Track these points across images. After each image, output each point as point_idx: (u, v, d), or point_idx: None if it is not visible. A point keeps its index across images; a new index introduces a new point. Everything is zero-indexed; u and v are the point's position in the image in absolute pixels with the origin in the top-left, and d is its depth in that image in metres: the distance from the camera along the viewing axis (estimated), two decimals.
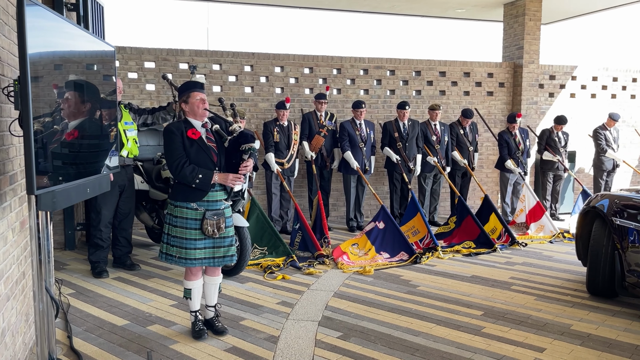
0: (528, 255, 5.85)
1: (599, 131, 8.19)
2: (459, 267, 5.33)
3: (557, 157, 7.90)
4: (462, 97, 8.54)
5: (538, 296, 4.38)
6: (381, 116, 8.00)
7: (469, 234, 6.37)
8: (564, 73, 9.02)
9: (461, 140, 7.57)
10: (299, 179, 7.36)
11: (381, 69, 8.09)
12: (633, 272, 3.87)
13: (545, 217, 7.03)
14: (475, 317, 3.87)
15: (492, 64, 8.70)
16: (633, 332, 3.59)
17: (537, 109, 8.78)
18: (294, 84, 7.69)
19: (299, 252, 5.68)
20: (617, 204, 4.08)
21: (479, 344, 3.38)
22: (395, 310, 4.04)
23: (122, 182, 4.96)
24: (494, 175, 8.54)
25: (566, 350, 3.28)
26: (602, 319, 3.84)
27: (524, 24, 8.45)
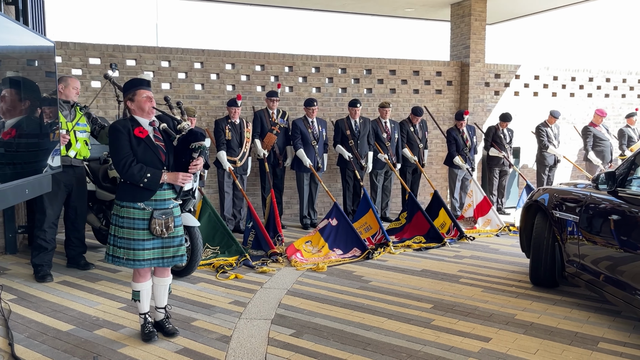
0: (476, 249, 6.04)
1: (541, 128, 8.53)
2: (410, 262, 5.44)
3: (502, 153, 8.18)
4: (411, 95, 8.71)
5: (485, 288, 4.53)
6: (333, 114, 8.05)
7: (419, 229, 6.51)
8: (508, 72, 9.34)
9: (411, 138, 7.71)
10: (251, 177, 7.31)
11: (333, 67, 8.14)
12: (572, 262, 4.06)
13: (492, 212, 7.27)
14: (425, 310, 3.97)
15: (440, 63, 8.90)
16: (573, 319, 3.77)
17: (484, 107, 9.06)
18: (245, 82, 7.63)
19: (252, 250, 5.65)
20: (557, 198, 4.27)
21: (429, 336, 3.47)
22: (347, 305, 4.08)
23: (70, 182, 4.87)
24: (443, 171, 8.75)
25: (510, 339, 3.41)
26: (544, 308, 4.01)
27: (470, 24, 8.70)
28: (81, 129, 4.88)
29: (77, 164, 4.91)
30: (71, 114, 4.83)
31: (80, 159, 4.92)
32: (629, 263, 3.35)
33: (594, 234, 3.73)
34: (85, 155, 4.95)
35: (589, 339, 3.42)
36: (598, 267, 3.68)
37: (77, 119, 4.80)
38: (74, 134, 4.79)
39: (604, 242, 3.62)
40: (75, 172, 4.90)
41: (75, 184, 4.93)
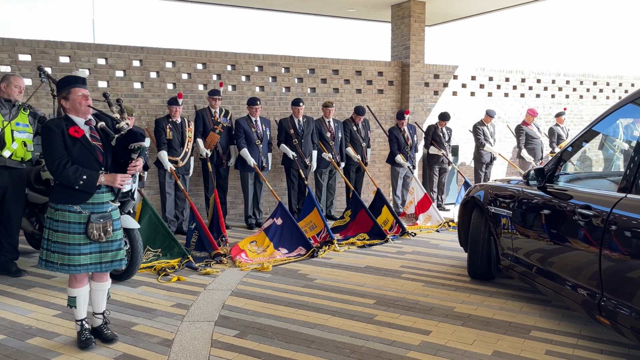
0: (417, 245, 6.20)
1: (477, 127, 8.87)
2: (354, 259, 5.53)
3: (442, 151, 8.43)
4: (354, 94, 8.83)
5: (425, 282, 4.66)
6: (277, 113, 8.04)
7: (363, 226, 6.62)
8: (446, 72, 9.63)
9: (354, 137, 7.82)
10: (194, 178, 7.19)
11: (276, 66, 8.12)
12: (506, 255, 4.24)
13: (432, 208, 7.49)
14: (368, 306, 4.04)
15: (381, 63, 9.07)
16: (507, 310, 3.95)
17: (424, 106, 9.31)
18: (186, 80, 7.49)
19: (195, 252, 5.56)
20: (491, 194, 4.45)
21: (372, 331, 3.54)
22: (292, 304, 4.10)
23: (3, 184, 4.65)
24: (386, 169, 8.93)
25: (449, 331, 3.53)
26: (481, 300, 4.18)
27: (409, 25, 8.91)
28: (21, 129, 4.69)
29: (13, 165, 4.68)
30: (11, 113, 4.62)
31: (17, 160, 4.69)
32: (558, 255, 3.54)
33: (526, 228, 3.92)
34: (23, 157, 4.74)
35: (522, 327, 3.59)
36: (530, 260, 3.87)
37: (18, 118, 4.62)
38: (12, 133, 4.59)
39: (535, 235, 3.81)
40: (10, 173, 4.67)
41: (10, 186, 4.69)
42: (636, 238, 2.75)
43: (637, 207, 2.81)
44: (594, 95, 11.36)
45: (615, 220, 2.91)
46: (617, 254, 2.89)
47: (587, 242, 3.15)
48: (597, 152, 10.45)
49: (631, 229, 2.80)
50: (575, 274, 3.30)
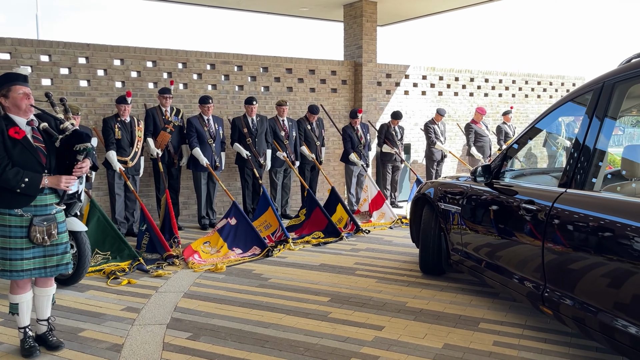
0: (371, 242, 6.28)
1: (429, 125, 9.06)
2: (309, 257, 5.54)
3: (394, 149, 8.57)
4: (308, 93, 8.84)
5: (379, 279, 4.73)
6: (230, 112, 7.96)
7: (318, 224, 6.65)
8: (398, 72, 9.79)
9: (309, 136, 7.83)
10: (145, 178, 7.03)
11: (228, 64, 8.04)
12: (456, 250, 4.36)
13: (385, 205, 7.60)
14: (323, 304, 4.06)
15: (335, 62, 9.12)
16: (457, 303, 4.06)
17: (376, 105, 9.43)
18: (136, 78, 7.30)
19: (146, 254, 5.44)
20: (441, 191, 4.56)
21: (326, 328, 3.56)
22: (246, 304, 4.07)
23: None
24: (340, 168, 8.99)
25: (402, 326, 3.59)
26: (432, 294, 4.28)
27: (362, 25, 9.00)
28: None
29: None
30: None
31: None
32: (505, 249, 3.66)
33: (474, 223, 4.03)
34: None
35: (471, 320, 3.70)
36: (479, 254, 3.98)
37: None
38: None
39: (483, 230, 3.92)
40: None
41: None
42: (575, 231, 2.88)
43: (576, 201, 2.94)
44: (538, 94, 11.80)
45: (556, 214, 3.03)
46: (558, 247, 3.02)
47: (531, 235, 3.27)
48: (542, 149, 10.86)
49: (570, 223, 2.92)
50: (521, 266, 3.42)
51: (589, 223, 2.77)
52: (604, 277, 2.64)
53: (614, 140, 11.54)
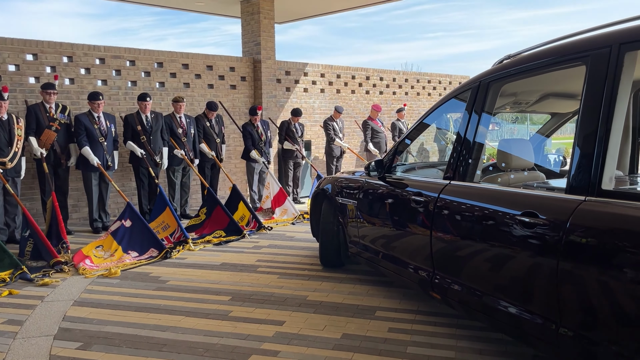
0: (273, 238, 6.30)
1: (328, 122, 9.25)
2: (210, 257, 5.45)
3: (295, 146, 8.65)
4: (206, 90, 8.66)
5: (280, 274, 4.76)
6: (123, 108, 7.59)
7: (219, 223, 6.55)
8: (297, 69, 9.89)
9: (208, 133, 7.68)
10: (27, 180, 6.51)
11: (120, 58, 7.66)
12: (354, 242, 4.50)
13: (287, 202, 7.66)
14: (224, 303, 4.02)
15: (233, 59, 9.02)
16: (355, 294, 4.19)
17: (277, 102, 9.46)
18: (14, 72, 6.73)
19: (30, 262, 5.05)
20: (338, 185, 4.69)
21: (226, 327, 3.52)
22: (143, 309, 3.92)
23: None
24: (241, 165, 8.92)
25: (302, 320, 3.65)
26: (332, 287, 4.38)
27: (259, 22, 8.97)
28: None
29: None
30: None
31: None
32: (398, 240, 3.83)
33: (369, 216, 4.19)
34: None
35: (368, 309, 3.84)
36: (375, 246, 4.14)
37: None
38: None
39: (377, 222, 4.09)
40: None
41: None
42: (459, 220, 3.09)
43: (458, 192, 3.16)
44: (428, 92, 12.48)
45: (441, 205, 3.23)
46: (444, 235, 3.22)
47: (421, 225, 3.46)
48: (433, 143, 11.51)
49: (454, 212, 3.13)
50: (412, 256, 3.60)
51: (471, 212, 2.99)
52: (486, 262, 2.86)
53: (495, 135, 12.50)
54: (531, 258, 2.54)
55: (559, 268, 2.35)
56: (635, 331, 2.02)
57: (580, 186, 2.37)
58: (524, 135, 18.63)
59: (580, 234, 2.26)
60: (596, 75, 2.36)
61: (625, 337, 2.07)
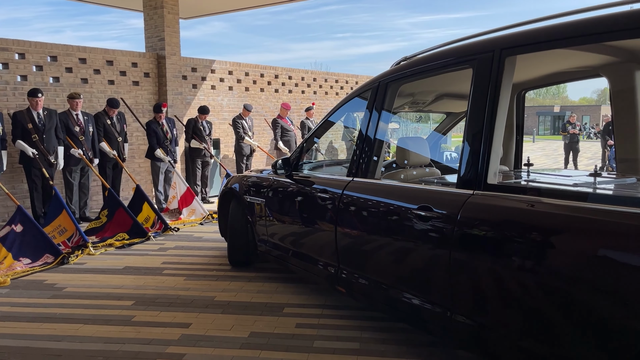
0: (180, 239, 6.14)
1: (237, 120, 9.16)
2: (112, 261, 5.20)
3: (203, 144, 8.48)
4: (107, 86, 8.25)
5: (187, 276, 4.66)
6: (12, 105, 7.03)
7: (121, 225, 6.27)
8: (204, 66, 9.69)
9: (109, 131, 7.33)
10: None
11: (7, 51, 7.08)
12: (262, 241, 4.50)
13: (195, 201, 7.49)
14: (126, 308, 3.86)
15: (135, 54, 8.66)
16: (264, 292, 4.20)
17: (183, 99, 9.21)
18: None
19: None
20: (246, 184, 4.67)
21: (129, 333, 3.39)
22: (36, 319, 3.66)
23: None
24: (146, 164, 8.59)
25: (209, 321, 3.60)
26: (240, 286, 4.36)
27: (163, 16, 8.68)
28: None
29: None
30: None
31: None
32: (306, 237, 3.89)
33: (277, 214, 4.21)
34: None
35: (277, 306, 3.87)
36: (283, 243, 4.17)
37: None
38: None
39: (286, 220, 4.12)
40: None
41: None
42: (361, 216, 3.20)
43: (360, 188, 3.27)
44: (336, 92, 12.74)
45: (345, 201, 3.33)
46: (348, 231, 3.32)
47: (327, 222, 3.53)
48: (341, 142, 11.77)
49: (357, 208, 3.23)
50: (320, 252, 3.67)
51: (372, 208, 3.10)
52: (388, 256, 2.98)
53: (397, 134, 13.01)
54: (428, 250, 2.68)
55: (451, 258, 2.51)
56: (521, 314, 2.20)
57: (468, 181, 2.54)
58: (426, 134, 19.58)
59: (469, 226, 2.43)
60: (481, 78, 2.54)
61: (512, 320, 2.25)
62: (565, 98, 79.67)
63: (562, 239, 2.05)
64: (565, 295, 2.01)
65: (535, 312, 2.13)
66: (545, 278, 2.08)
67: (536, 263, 2.12)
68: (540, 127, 52.44)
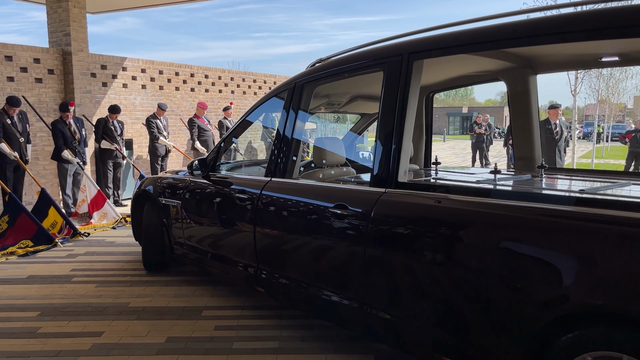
0: (91, 245, 5.86)
1: (151, 120, 8.86)
2: (14, 270, 4.87)
3: (114, 145, 8.13)
4: (5, 83, 7.67)
5: (99, 283, 4.45)
6: None
7: (25, 232, 5.87)
8: (114, 64, 9.27)
9: (9, 131, 6.82)
10: None
11: None
12: (179, 243, 4.39)
13: (107, 205, 7.17)
14: (31, 319, 3.63)
15: (38, 49, 8.12)
16: (182, 296, 4.11)
17: (92, 98, 8.77)
18: None
19: None
20: (161, 185, 4.54)
21: (34, 345, 3.19)
22: None
23: None
24: (52, 167, 8.09)
25: (123, 328, 3.47)
26: (156, 291, 4.24)
27: (68, 10, 8.21)
28: None
29: None
30: None
31: None
32: (225, 238, 3.85)
33: (195, 216, 4.13)
34: None
35: (195, 310, 3.80)
36: (201, 245, 4.10)
37: None
38: None
39: (203, 222, 4.05)
40: None
41: None
42: (280, 215, 3.22)
43: (278, 188, 3.29)
44: (254, 91, 12.68)
45: (263, 201, 3.34)
46: (267, 231, 3.33)
47: (245, 222, 3.52)
48: (260, 142, 11.74)
49: (275, 208, 3.25)
50: (238, 253, 3.65)
51: (290, 207, 3.13)
52: (306, 254, 3.03)
53: (315, 134, 13.14)
54: (344, 247, 2.76)
55: (366, 254, 2.60)
56: (432, 305, 2.33)
57: (381, 180, 2.64)
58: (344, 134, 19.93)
59: (381, 223, 2.53)
60: (391, 81, 2.65)
61: (424, 312, 2.37)
62: (472, 100, 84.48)
63: (466, 232, 2.19)
64: (472, 286, 2.15)
65: (445, 303, 2.26)
66: (453, 270, 2.22)
67: (444, 256, 2.25)
68: (451, 127, 55.15)
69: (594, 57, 2.85)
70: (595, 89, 15.86)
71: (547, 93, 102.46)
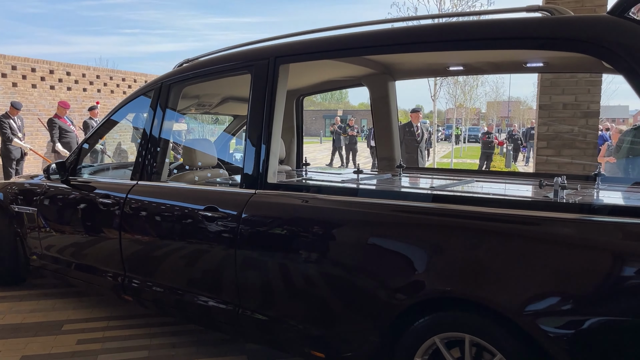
0: None
1: (3, 120, 8.04)
2: None
3: None
4: None
5: None
6: None
7: None
8: None
9: None
10: None
11: None
12: (36, 254, 4.04)
13: None
14: None
15: None
16: (39, 310, 3.79)
17: None
18: None
19: None
20: (13, 192, 4.14)
21: None
22: None
23: None
24: None
25: None
26: (9, 307, 3.86)
27: None
28: None
29: None
30: None
31: None
32: (89, 247, 3.60)
33: (54, 224, 3.82)
34: None
35: (54, 324, 3.52)
36: (62, 255, 3.80)
37: None
38: None
39: (64, 230, 3.76)
40: None
41: None
42: (147, 219, 3.10)
43: (146, 191, 3.17)
44: (123, 91, 12.05)
45: (129, 206, 3.19)
46: (133, 236, 3.19)
47: (111, 229, 3.33)
48: (130, 143, 11.19)
49: (142, 212, 3.12)
50: (104, 261, 3.45)
51: (158, 211, 3.04)
52: (176, 259, 2.94)
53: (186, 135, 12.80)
54: (215, 250, 2.74)
55: (236, 255, 2.60)
56: (301, 302, 2.40)
57: (251, 181, 2.67)
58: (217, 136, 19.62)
59: (251, 224, 2.56)
60: (258, 83, 2.69)
61: (293, 309, 2.44)
62: (347, 103, 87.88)
63: (332, 229, 2.29)
64: (338, 280, 2.25)
65: (313, 299, 2.35)
66: (320, 266, 2.31)
67: (312, 253, 2.33)
68: (327, 129, 56.91)
69: (442, 66, 3.14)
70: (453, 95, 17.33)
71: (414, 98, 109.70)
